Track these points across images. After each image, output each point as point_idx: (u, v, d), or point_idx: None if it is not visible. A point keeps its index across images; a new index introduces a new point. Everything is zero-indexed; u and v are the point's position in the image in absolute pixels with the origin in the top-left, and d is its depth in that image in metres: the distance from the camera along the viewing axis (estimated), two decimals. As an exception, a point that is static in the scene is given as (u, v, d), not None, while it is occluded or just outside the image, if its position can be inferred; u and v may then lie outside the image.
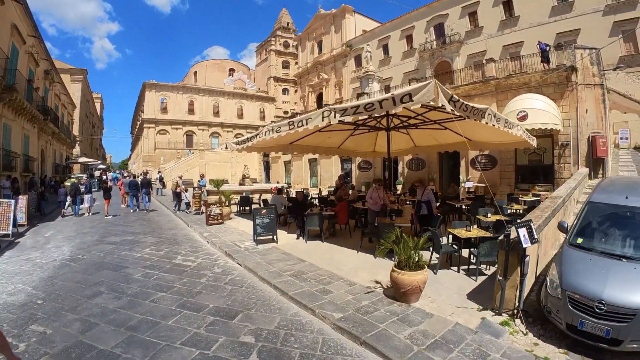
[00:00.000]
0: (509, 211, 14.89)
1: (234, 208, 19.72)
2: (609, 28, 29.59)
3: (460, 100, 8.34)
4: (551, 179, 20.98)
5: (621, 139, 27.25)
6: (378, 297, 7.49)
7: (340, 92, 54.37)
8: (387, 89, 38.25)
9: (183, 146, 64.37)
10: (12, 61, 22.64)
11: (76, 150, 55.98)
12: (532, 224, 6.48)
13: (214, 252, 11.87)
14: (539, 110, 19.18)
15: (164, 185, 38.34)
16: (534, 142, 14.79)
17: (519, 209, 15.10)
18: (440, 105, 7.71)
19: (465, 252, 9.59)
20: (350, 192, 19.72)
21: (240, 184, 24.21)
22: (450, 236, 10.38)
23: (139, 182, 23.60)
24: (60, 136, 39.60)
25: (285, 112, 69.76)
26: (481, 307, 6.90)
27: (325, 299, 7.36)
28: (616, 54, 28.25)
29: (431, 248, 9.64)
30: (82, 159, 51.54)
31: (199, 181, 25.12)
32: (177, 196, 22.27)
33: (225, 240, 13.14)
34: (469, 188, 22.57)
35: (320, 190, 25.86)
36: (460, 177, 24.79)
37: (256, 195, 21.54)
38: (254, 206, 19.96)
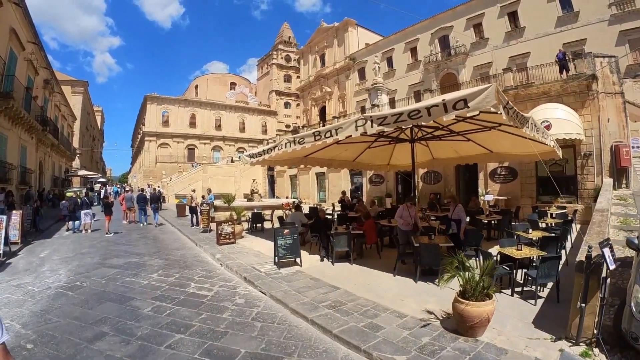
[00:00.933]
0: (542, 225, 13.83)
1: (245, 225, 18.11)
2: (614, 38, 28.86)
3: (513, 107, 7.47)
4: (574, 190, 20.15)
5: (633, 147, 26.32)
6: (437, 331, 6.33)
7: (344, 105, 53.13)
8: (392, 101, 37.26)
9: (184, 160, 62.99)
10: (10, 67, 21.24)
11: (76, 162, 54.38)
12: (611, 243, 5.93)
13: (231, 278, 10.33)
14: (561, 120, 18.36)
15: (163, 200, 36.99)
16: (560, 152, 13.61)
17: (552, 223, 14.09)
18: (499, 112, 6.76)
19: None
20: (370, 207, 18.29)
21: (249, 199, 22.54)
22: (499, 256, 9.20)
23: (148, 197, 23.11)
24: (60, 148, 38.02)
25: (287, 126, 68.79)
26: (554, 337, 6.01)
27: (378, 337, 6.09)
28: (623, 62, 27.28)
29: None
30: (82, 172, 49.76)
31: (202, 197, 23.51)
32: (192, 211, 21.03)
33: (242, 262, 11.61)
34: (489, 201, 21.30)
35: (333, 206, 24.35)
36: (479, 190, 23.64)
37: (267, 212, 19.98)
38: (266, 223, 18.50)
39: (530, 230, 11.26)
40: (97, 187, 47.20)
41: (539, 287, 8.21)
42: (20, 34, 22.90)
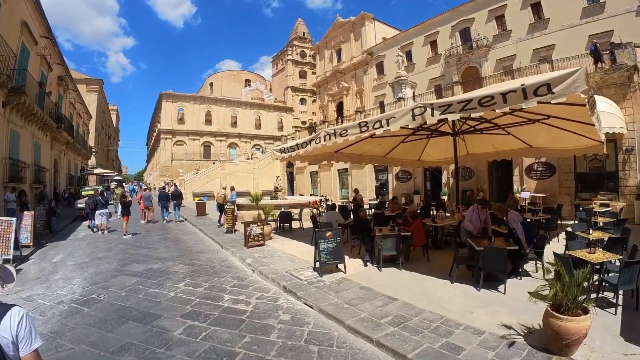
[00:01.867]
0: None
1: (272, 225, 16.73)
2: (642, 28, 27.03)
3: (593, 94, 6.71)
4: (615, 187, 18.89)
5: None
6: (524, 349, 5.37)
7: (362, 101, 51.55)
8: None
9: (200, 157, 62.19)
10: (22, 62, 20.17)
11: (92, 161, 53.59)
12: None
13: (267, 287, 8.98)
14: (604, 113, 16.68)
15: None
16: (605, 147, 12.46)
17: (602, 222, 12.84)
18: (586, 99, 6.04)
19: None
20: (407, 206, 16.98)
21: (273, 197, 21.07)
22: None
23: (170, 194, 23.11)
24: (75, 146, 37.10)
25: (304, 122, 67.62)
26: (651, 352, 5.19)
27: (463, 362, 4.95)
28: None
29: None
30: (98, 170, 48.92)
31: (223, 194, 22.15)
32: (221, 209, 19.61)
33: (277, 268, 10.27)
34: (525, 199, 19.88)
35: (381, 204, 22.69)
36: (515, 186, 22.24)
37: (295, 210, 18.61)
38: (294, 223, 17.17)
39: (591, 231, 10.04)
40: (113, 185, 46.24)
41: (613, 295, 7.26)
42: (33, 28, 21.80)
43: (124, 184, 51.62)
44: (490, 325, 6.13)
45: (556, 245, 11.06)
